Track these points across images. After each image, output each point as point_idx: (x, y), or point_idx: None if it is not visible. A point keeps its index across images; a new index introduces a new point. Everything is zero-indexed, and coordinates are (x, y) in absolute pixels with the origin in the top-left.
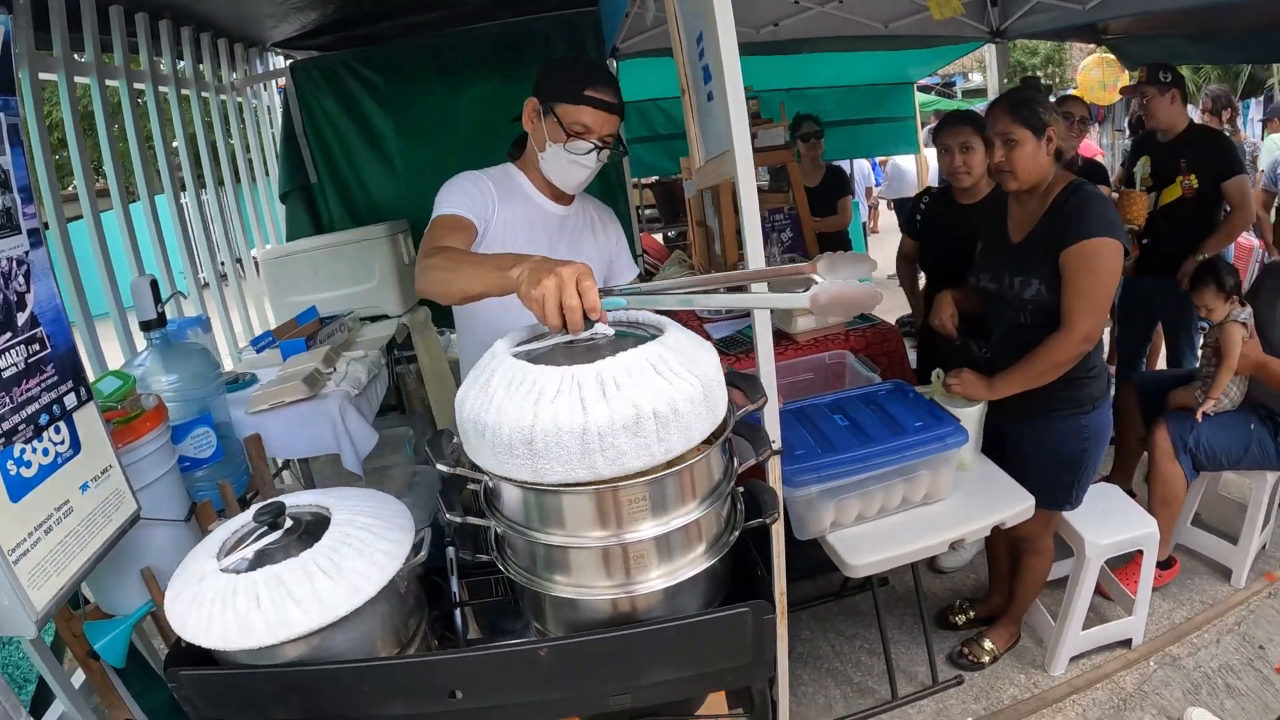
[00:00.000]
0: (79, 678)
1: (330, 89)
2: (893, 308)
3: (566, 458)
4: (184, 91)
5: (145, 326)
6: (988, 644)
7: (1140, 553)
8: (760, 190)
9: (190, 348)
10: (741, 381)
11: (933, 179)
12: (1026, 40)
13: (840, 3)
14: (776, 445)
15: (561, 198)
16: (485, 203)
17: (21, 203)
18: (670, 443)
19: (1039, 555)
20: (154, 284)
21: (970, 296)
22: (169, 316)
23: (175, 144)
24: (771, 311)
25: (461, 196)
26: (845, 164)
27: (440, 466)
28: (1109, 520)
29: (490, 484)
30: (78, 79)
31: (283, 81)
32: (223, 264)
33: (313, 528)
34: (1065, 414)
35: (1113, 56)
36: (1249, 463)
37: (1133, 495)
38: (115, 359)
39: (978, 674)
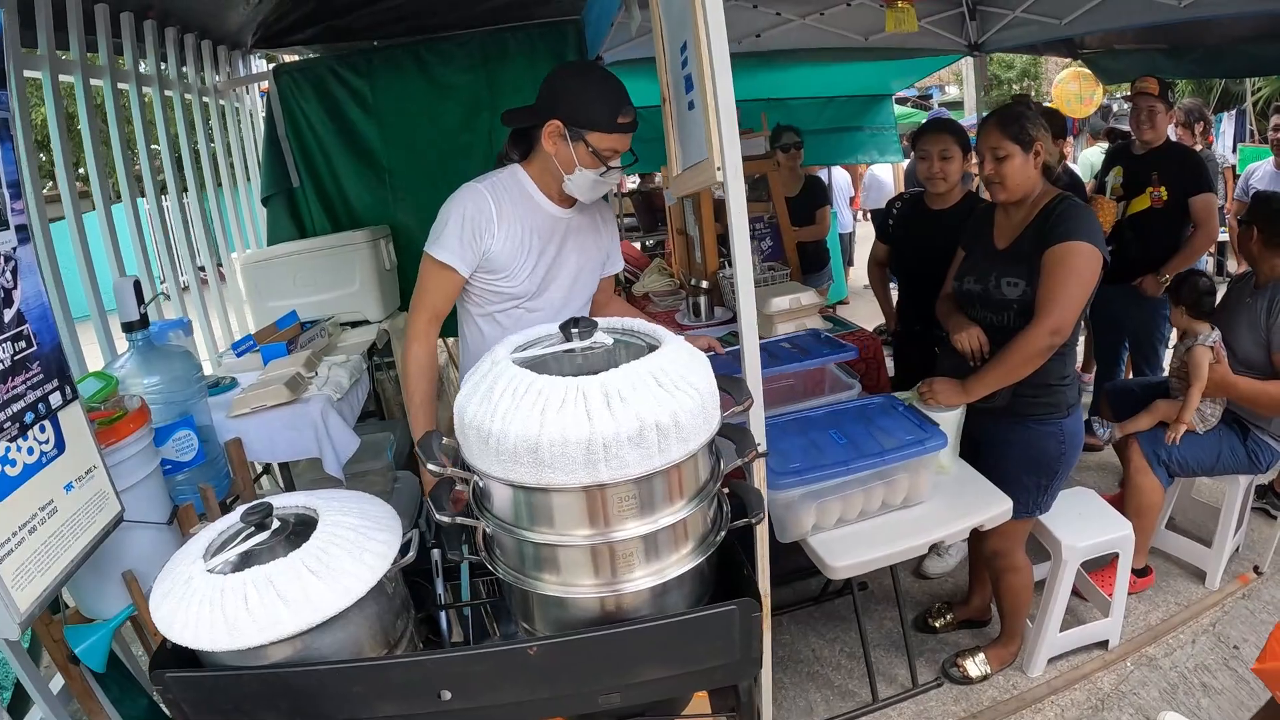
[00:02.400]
0: (57, 683)
1: (313, 93)
2: (869, 316)
3: (572, 467)
4: (167, 93)
5: (128, 328)
6: (980, 660)
7: (1117, 555)
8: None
9: (172, 350)
10: (729, 385)
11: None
12: (1003, 54)
13: (821, 15)
14: (762, 448)
15: (566, 201)
16: (481, 237)
17: (10, 198)
18: (671, 453)
19: (1016, 572)
20: (137, 285)
21: (944, 304)
22: (151, 319)
23: (156, 146)
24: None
25: (457, 243)
26: (824, 175)
27: (431, 467)
28: (1085, 524)
29: (481, 484)
30: (62, 77)
31: (266, 85)
32: (202, 267)
33: (300, 529)
34: (1041, 419)
35: (1088, 70)
36: (1221, 469)
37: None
38: (95, 361)
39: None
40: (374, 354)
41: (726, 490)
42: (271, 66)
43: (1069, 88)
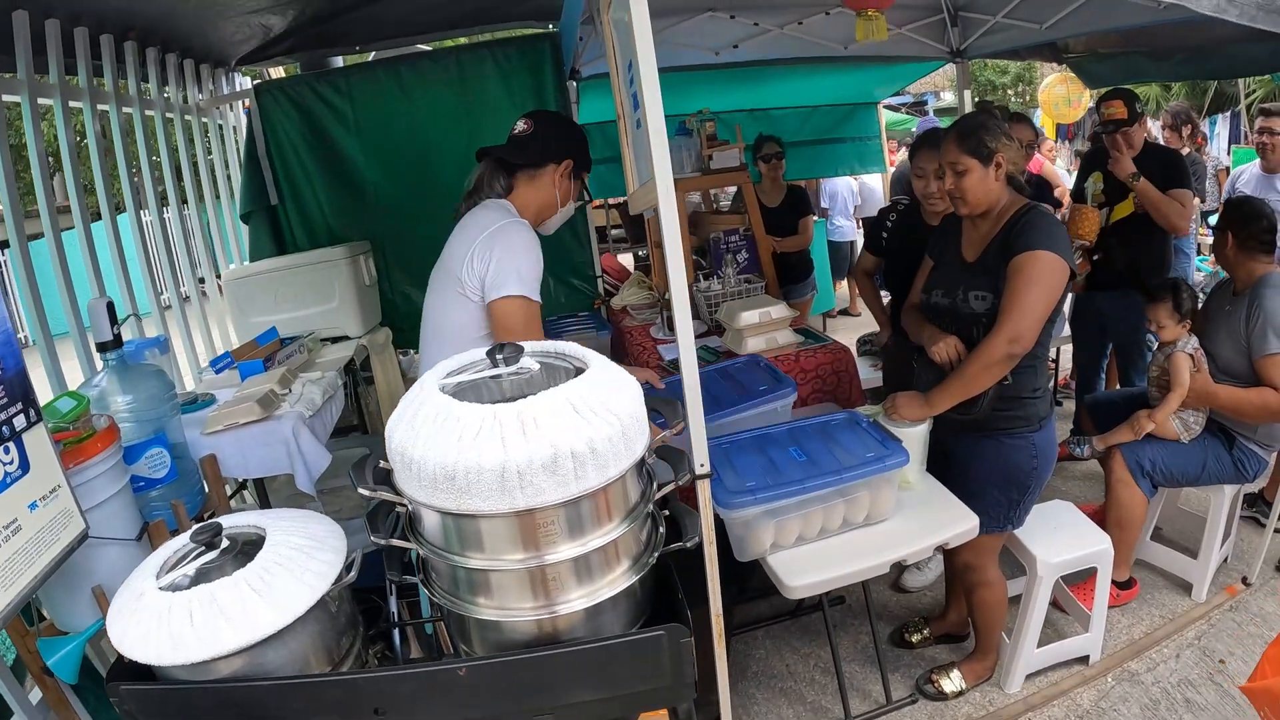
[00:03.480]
0: (36, 694)
1: (294, 109)
2: (851, 326)
3: (487, 494)
4: (149, 113)
5: (101, 348)
6: (956, 675)
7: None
8: (719, 211)
9: (146, 369)
10: (662, 408)
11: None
12: (996, 60)
13: (800, 24)
14: (703, 468)
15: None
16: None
17: None
18: (587, 480)
19: (988, 586)
20: (110, 306)
21: (911, 315)
22: (128, 337)
23: (136, 166)
24: (722, 333)
25: (537, 278)
26: (826, 184)
27: (361, 491)
28: (1061, 538)
29: (411, 508)
30: (41, 101)
31: (248, 102)
32: (201, 279)
33: (248, 548)
34: (1013, 432)
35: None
36: (1206, 479)
37: None
38: (75, 378)
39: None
40: (354, 369)
41: (665, 511)
42: (253, 84)
43: (1056, 91)
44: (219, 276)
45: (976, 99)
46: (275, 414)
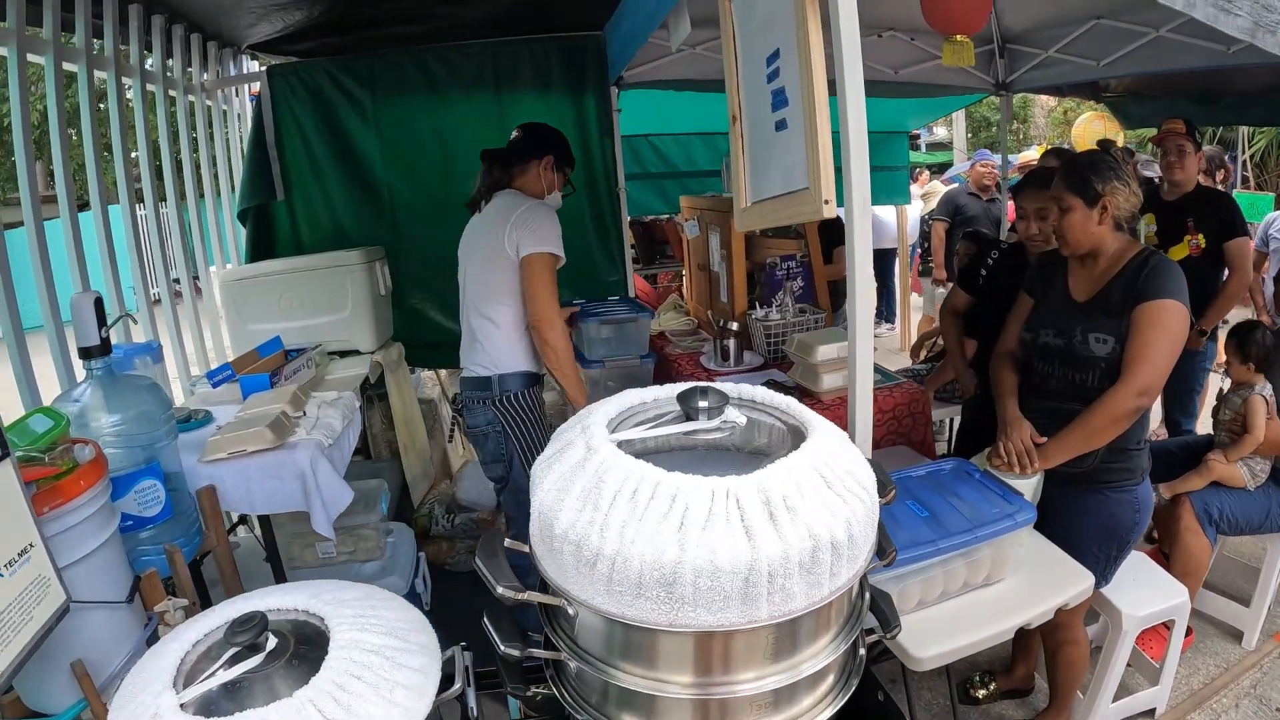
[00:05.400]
0: None
1: (309, 98)
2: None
3: (721, 605)
4: (150, 87)
5: (85, 354)
6: None
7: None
8: (766, 235)
9: (138, 382)
10: (877, 470)
11: (912, 231)
12: (993, 97)
13: None
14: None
15: None
16: None
17: None
18: (841, 577)
19: (1077, 645)
20: (98, 303)
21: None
22: (115, 342)
23: (135, 154)
24: (792, 367)
25: (559, 240)
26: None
27: (502, 591)
28: (1142, 591)
29: (572, 611)
30: (31, 57)
31: (256, 88)
32: (177, 280)
33: (304, 649)
34: (1118, 486)
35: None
36: (1270, 526)
37: None
38: (49, 384)
39: None
40: (365, 388)
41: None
42: (264, 68)
43: (1093, 127)
44: (197, 278)
45: (970, 136)
46: (288, 442)
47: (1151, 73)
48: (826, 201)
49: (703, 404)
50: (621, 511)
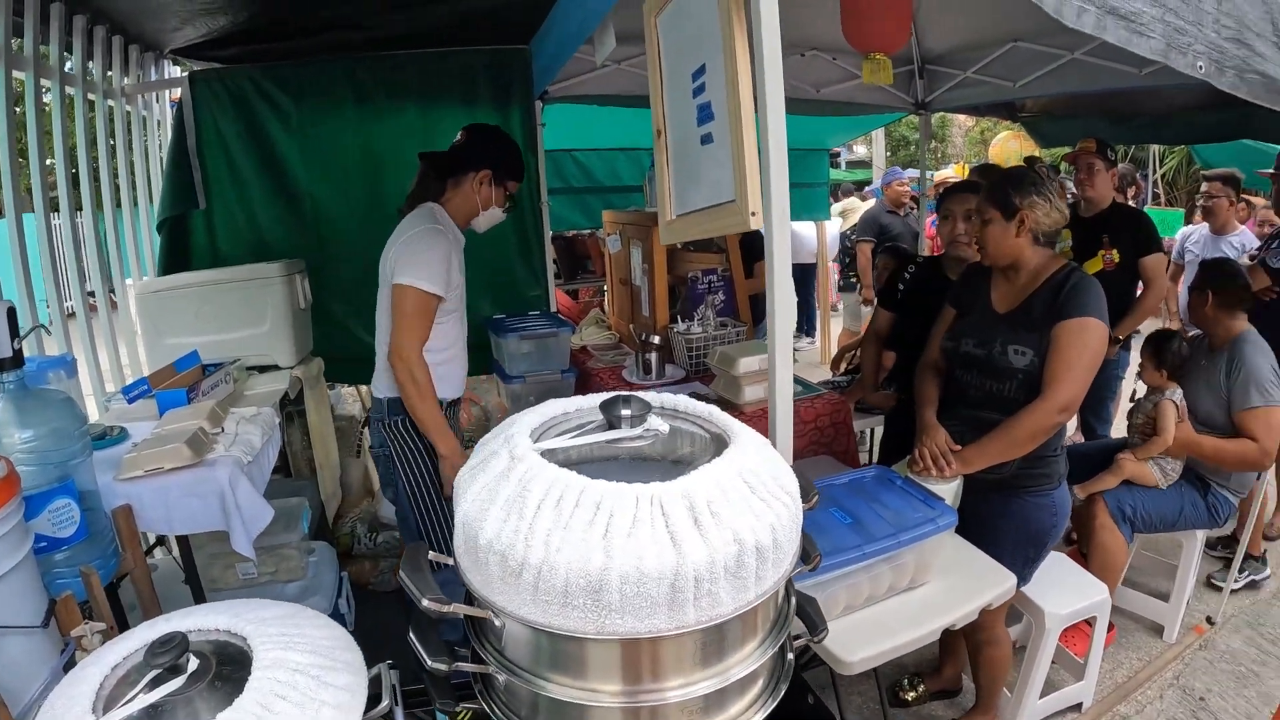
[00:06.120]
0: None
1: (231, 106)
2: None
3: (649, 610)
4: (69, 91)
5: None
6: None
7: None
8: (688, 250)
9: (51, 396)
10: (801, 478)
11: (831, 246)
12: (913, 116)
13: None
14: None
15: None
16: (451, 266)
17: None
18: (767, 581)
19: (998, 644)
20: (11, 313)
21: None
22: (27, 355)
23: (50, 161)
24: (714, 379)
25: (443, 276)
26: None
27: (428, 604)
28: (1063, 590)
29: (499, 623)
30: None
31: (177, 94)
32: (92, 294)
33: (227, 670)
34: (1035, 490)
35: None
36: (1183, 524)
37: None
38: None
39: None
40: (285, 405)
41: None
42: (187, 73)
43: (1009, 146)
44: (112, 290)
45: (888, 154)
46: (207, 459)
47: (1067, 93)
48: (754, 213)
49: (625, 412)
50: (546, 520)
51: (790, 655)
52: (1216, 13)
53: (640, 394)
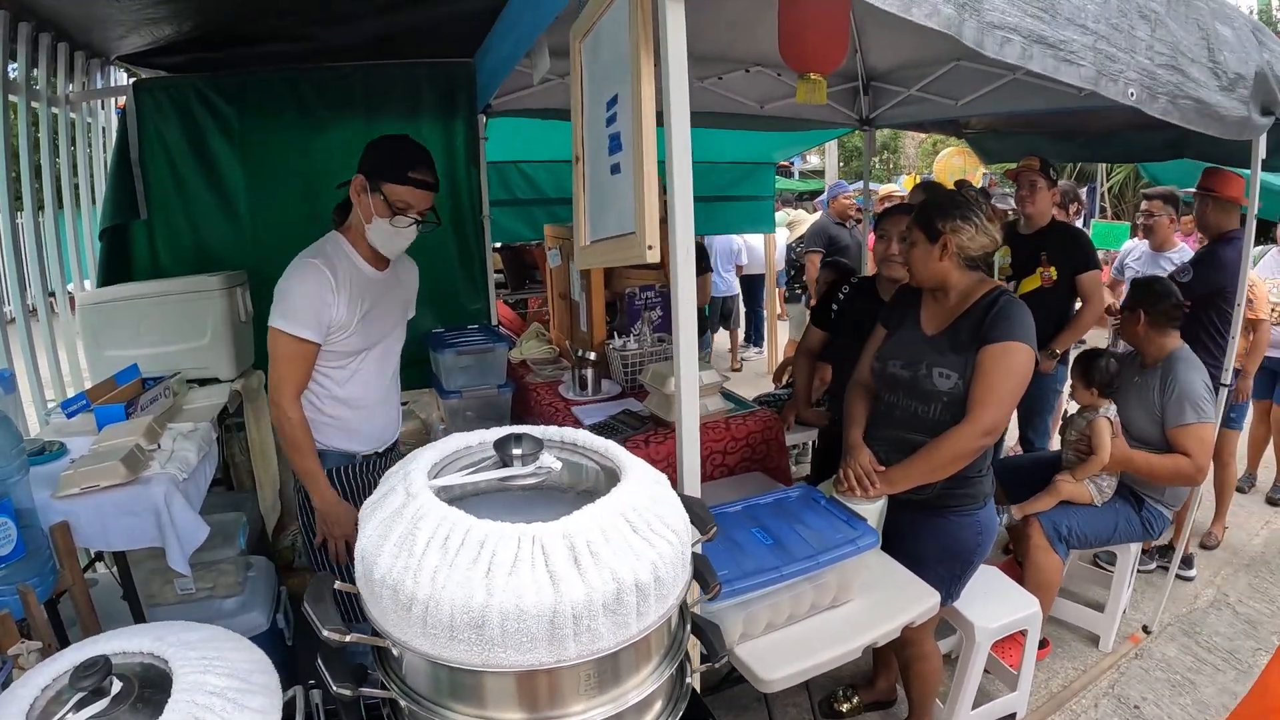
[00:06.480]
0: None
1: (175, 115)
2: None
3: (529, 645)
4: (12, 98)
5: None
6: None
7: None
8: (626, 266)
9: None
10: (694, 510)
11: (779, 258)
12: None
13: (720, 79)
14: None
15: (380, 262)
16: (327, 308)
17: None
18: (649, 616)
19: (926, 659)
20: None
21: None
22: None
23: None
24: (648, 396)
25: (311, 316)
26: (708, 238)
27: (327, 634)
28: (993, 603)
29: (396, 652)
30: None
31: (122, 101)
32: (53, 293)
33: (149, 693)
34: (960, 510)
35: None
36: (1117, 539)
37: None
38: None
39: None
40: (224, 417)
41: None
42: (131, 81)
43: (953, 162)
44: (53, 294)
45: (841, 165)
46: (142, 476)
47: (1008, 112)
48: (650, 246)
49: (516, 451)
50: (434, 558)
51: (689, 680)
52: (1150, 39)
53: (536, 429)
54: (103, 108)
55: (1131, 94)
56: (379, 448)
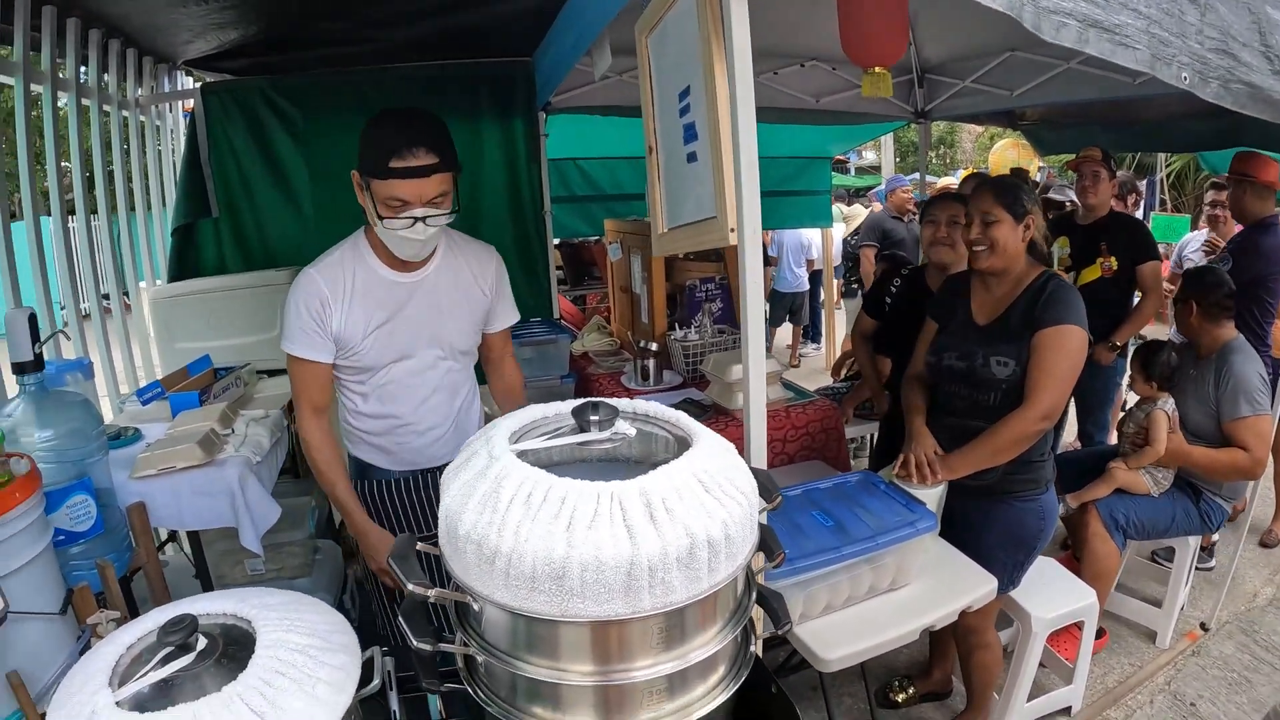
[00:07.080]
0: None
1: (241, 117)
2: (792, 376)
3: (607, 596)
4: (85, 101)
5: (19, 369)
6: None
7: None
8: (687, 258)
9: (70, 397)
10: (761, 479)
11: (836, 253)
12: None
13: (775, 74)
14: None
15: (402, 265)
16: (324, 323)
17: None
18: (720, 573)
19: (988, 648)
20: (33, 319)
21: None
22: (47, 358)
23: (65, 165)
24: (709, 385)
25: (303, 334)
26: (776, 234)
27: (412, 588)
28: (1051, 594)
29: (477, 607)
30: None
31: (190, 104)
32: (106, 296)
33: (233, 649)
34: (1023, 495)
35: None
36: (1175, 531)
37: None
38: None
39: None
40: (292, 406)
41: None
42: (198, 85)
43: (1008, 155)
44: (126, 293)
45: (897, 160)
46: (218, 458)
47: (1063, 102)
48: (732, 229)
49: (594, 417)
50: (517, 513)
51: (754, 648)
52: (1200, 24)
53: (612, 400)
54: (170, 110)
55: (1185, 78)
56: (423, 467)
